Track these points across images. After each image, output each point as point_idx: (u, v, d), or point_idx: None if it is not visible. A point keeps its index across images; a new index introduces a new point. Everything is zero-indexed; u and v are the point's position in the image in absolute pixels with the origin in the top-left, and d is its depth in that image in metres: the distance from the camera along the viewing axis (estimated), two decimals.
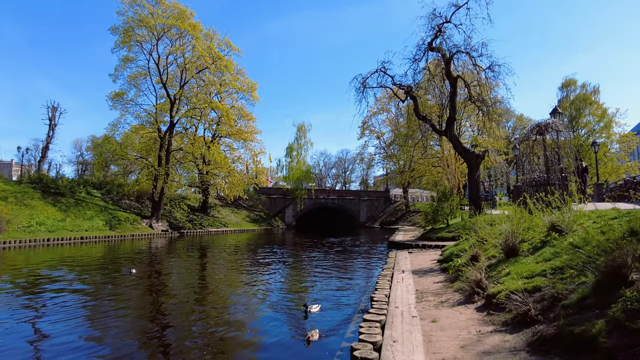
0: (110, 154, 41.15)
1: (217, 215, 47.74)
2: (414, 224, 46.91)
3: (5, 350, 6.35)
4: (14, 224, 27.13)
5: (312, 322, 8.22)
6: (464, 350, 5.09)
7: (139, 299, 10.88)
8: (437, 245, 19.16)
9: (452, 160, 35.32)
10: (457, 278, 9.55)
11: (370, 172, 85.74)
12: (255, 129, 49.21)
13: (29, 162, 56.53)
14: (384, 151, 61.23)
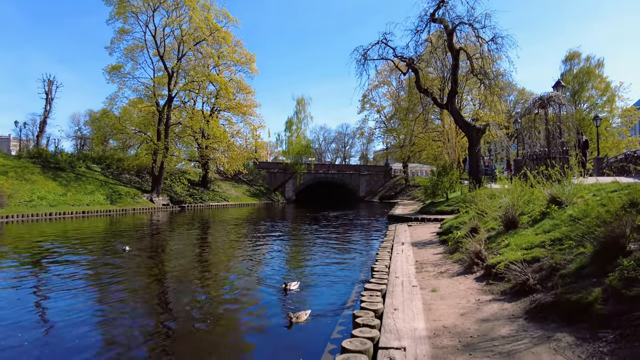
0: (109, 128, 40.97)
1: (217, 189, 47.91)
2: (413, 198, 47.14)
3: (11, 321, 6.50)
4: (15, 198, 27.27)
5: (308, 296, 8.40)
6: (464, 318, 5.23)
7: (139, 270, 11.06)
8: (436, 218, 19.33)
9: (452, 135, 35.20)
10: (456, 250, 9.69)
11: (370, 146, 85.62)
12: (254, 103, 48.82)
13: (27, 137, 56.17)
14: (384, 125, 60.90)
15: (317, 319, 6.75)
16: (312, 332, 6.12)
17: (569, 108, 17.53)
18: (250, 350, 5.51)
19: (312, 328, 6.29)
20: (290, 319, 6.27)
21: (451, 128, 34.97)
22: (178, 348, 5.70)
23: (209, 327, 6.41)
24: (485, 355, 4.01)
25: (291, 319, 6.26)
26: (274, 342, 5.77)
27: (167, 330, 6.43)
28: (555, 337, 4.21)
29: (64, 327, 6.34)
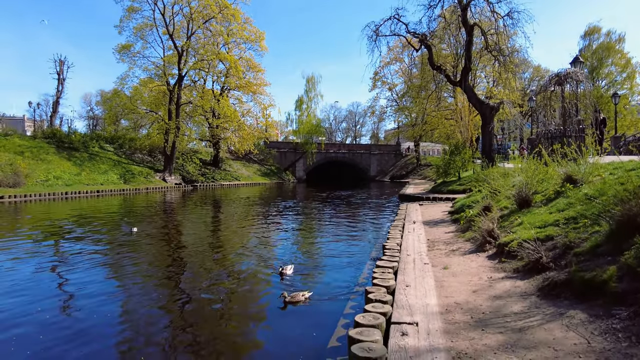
0: (120, 108, 41.22)
1: (228, 169, 48.18)
2: (424, 177, 46.87)
3: (32, 297, 6.72)
4: (32, 178, 27.79)
5: (320, 274, 8.50)
6: (476, 295, 5.26)
7: (154, 248, 11.28)
8: (448, 197, 19.23)
9: (465, 113, 34.56)
10: (468, 228, 9.68)
11: (381, 125, 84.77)
12: (264, 81, 48.45)
13: (41, 117, 56.88)
14: (395, 103, 60.07)
15: (329, 294, 6.86)
16: (325, 308, 6.22)
17: (587, 85, 17.06)
18: (265, 326, 5.63)
19: (324, 304, 6.40)
20: (284, 298, 6.16)
21: (464, 106, 34.32)
22: (191, 320, 5.86)
23: (224, 303, 6.55)
24: (497, 331, 4.05)
25: (285, 298, 6.15)
26: (288, 317, 5.88)
27: (181, 307, 6.60)
28: (568, 314, 4.22)
29: (81, 299, 6.62)
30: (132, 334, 5.41)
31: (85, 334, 5.29)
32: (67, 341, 5.06)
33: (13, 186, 25.47)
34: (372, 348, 3.62)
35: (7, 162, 27.47)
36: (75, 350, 4.81)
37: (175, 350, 5.01)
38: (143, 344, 5.08)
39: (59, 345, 4.96)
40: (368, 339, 3.84)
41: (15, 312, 5.99)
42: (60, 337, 5.21)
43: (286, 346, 4.99)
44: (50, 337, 5.19)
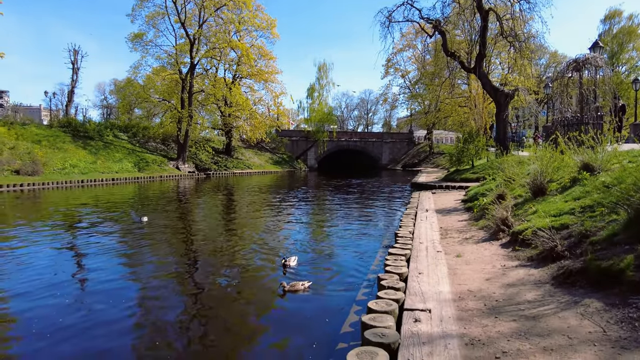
0: (134, 97, 41.56)
1: (241, 157, 48.42)
2: (437, 166, 46.50)
3: (53, 283, 6.90)
4: (49, 166, 28.33)
5: (332, 261, 8.54)
6: (489, 282, 5.25)
7: (170, 235, 11.45)
8: (461, 186, 19.09)
9: (479, 100, 34.09)
10: (481, 216, 9.62)
11: (393, 113, 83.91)
12: (275, 69, 48.24)
13: (56, 106, 57.65)
14: (408, 91, 59.38)
15: (341, 281, 6.91)
16: (337, 295, 6.28)
17: (606, 71, 16.65)
18: (277, 312, 5.70)
19: (336, 290, 6.45)
20: (284, 287, 6.18)
21: (478, 93, 33.84)
22: (206, 306, 5.98)
23: (235, 291, 6.63)
24: (511, 319, 4.04)
25: (284, 287, 6.17)
26: (300, 304, 5.95)
27: (194, 293, 6.72)
28: (583, 302, 4.19)
29: (96, 284, 6.83)
30: (144, 316, 5.55)
31: (101, 317, 5.46)
32: (83, 324, 5.23)
33: (32, 174, 26.01)
34: (385, 334, 3.66)
35: (25, 150, 28.02)
36: (93, 332, 4.95)
37: (190, 335, 5.13)
38: (156, 330, 5.20)
39: (77, 327, 5.14)
40: (381, 324, 3.87)
41: (34, 295, 6.17)
42: (77, 319, 5.39)
43: (300, 332, 5.05)
44: (68, 319, 5.36)
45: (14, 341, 4.83)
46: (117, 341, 4.84)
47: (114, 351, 4.64)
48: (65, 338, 4.85)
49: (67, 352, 4.58)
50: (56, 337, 4.88)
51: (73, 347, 4.68)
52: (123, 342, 4.85)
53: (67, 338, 4.85)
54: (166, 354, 4.55)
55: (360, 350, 3.41)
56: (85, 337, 4.90)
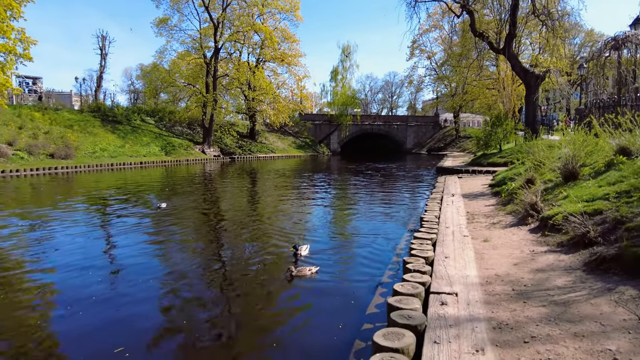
0: (160, 81, 42.20)
1: (264, 141, 48.72)
2: (463, 150, 45.57)
3: (86, 263, 7.21)
4: (81, 150, 29.27)
5: (356, 244, 8.57)
6: (517, 268, 5.18)
7: (196, 217, 11.73)
8: (488, 170, 18.72)
9: (508, 82, 32.99)
10: (509, 201, 9.44)
11: (418, 96, 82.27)
12: (299, 52, 47.89)
13: (86, 92, 59.14)
14: (434, 73, 57.98)
15: (366, 264, 6.95)
16: (361, 277, 6.32)
17: None
18: (303, 294, 5.77)
19: (361, 273, 6.50)
20: (291, 272, 6.17)
21: (507, 75, 32.75)
22: (231, 291, 6.13)
23: (261, 271, 6.74)
24: (540, 304, 3.99)
25: (292, 272, 6.17)
26: (325, 285, 6.02)
27: (219, 277, 6.89)
28: (617, 289, 4.09)
29: (125, 258, 7.12)
30: (167, 290, 5.75)
31: (127, 288, 5.74)
32: (110, 293, 5.52)
33: (65, 158, 26.96)
34: (411, 315, 3.68)
35: (58, 135, 29.01)
36: (120, 307, 5.19)
37: (212, 313, 5.29)
38: (181, 311, 5.38)
39: (104, 296, 5.45)
40: (407, 307, 3.89)
41: (69, 275, 6.48)
42: (105, 290, 5.71)
43: (325, 313, 5.12)
44: (97, 289, 5.67)
45: (53, 307, 5.13)
46: (141, 310, 5.14)
47: (139, 318, 4.92)
48: (94, 305, 5.13)
49: (98, 317, 4.88)
50: (87, 304, 5.20)
51: (102, 313, 5.01)
52: (147, 311, 5.15)
53: (96, 305, 5.13)
54: (193, 326, 4.73)
55: (387, 331, 3.44)
56: (112, 305, 5.25)
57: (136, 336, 4.54)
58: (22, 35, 20.68)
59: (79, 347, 4.32)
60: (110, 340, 4.39)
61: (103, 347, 4.26)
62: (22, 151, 25.43)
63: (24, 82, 45.31)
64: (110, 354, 4.07)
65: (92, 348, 4.28)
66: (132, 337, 4.49)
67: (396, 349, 3.18)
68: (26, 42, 20.97)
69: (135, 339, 4.45)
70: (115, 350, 4.12)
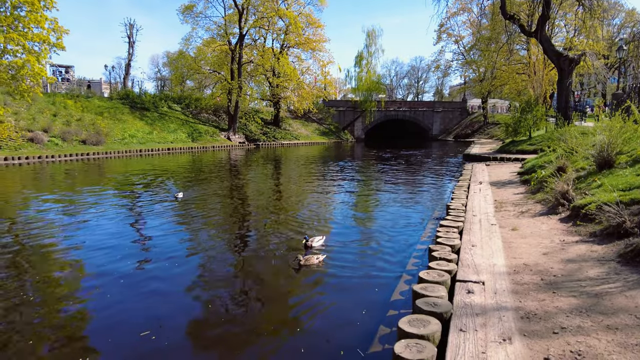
0: (185, 68, 42.67)
1: (288, 128, 48.81)
2: (491, 136, 44.41)
3: (116, 246, 7.48)
4: (111, 136, 30.12)
5: (380, 231, 8.54)
6: (547, 257, 5.06)
7: (221, 204, 11.93)
8: (517, 158, 18.24)
9: (540, 66, 31.76)
10: (539, 189, 9.19)
11: (445, 81, 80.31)
12: (323, 37, 47.41)
13: (115, 80, 60.61)
14: (462, 57, 56.34)
15: (390, 251, 6.93)
16: (386, 264, 6.32)
17: None
18: (326, 279, 5.81)
19: (386, 260, 6.49)
20: (299, 261, 6.12)
21: (538, 59, 31.53)
22: (258, 276, 6.24)
23: (286, 260, 6.81)
24: (570, 295, 3.90)
25: (300, 261, 6.12)
26: (349, 272, 6.05)
27: (244, 262, 7.02)
28: None
29: (152, 240, 7.36)
30: (191, 269, 5.90)
31: (153, 276, 5.93)
32: (137, 271, 5.70)
33: (96, 144, 27.81)
34: (437, 303, 3.66)
35: (90, 122, 29.90)
36: (145, 289, 5.38)
37: (237, 296, 5.40)
38: (204, 294, 5.52)
39: (133, 283, 5.66)
40: (433, 294, 3.88)
41: (100, 260, 6.74)
42: (133, 277, 5.90)
43: (349, 298, 5.16)
44: (126, 268, 5.87)
45: (81, 286, 5.37)
46: (165, 292, 5.35)
47: (163, 300, 5.09)
48: (121, 287, 5.34)
49: (125, 299, 5.10)
50: (113, 285, 5.45)
51: (128, 294, 5.26)
52: (170, 294, 5.35)
53: (123, 287, 5.33)
54: (216, 309, 4.86)
55: (412, 317, 3.45)
56: (137, 287, 5.50)
57: (160, 318, 4.66)
58: (55, 25, 21.22)
59: (105, 328, 4.50)
60: (135, 322, 4.57)
61: (129, 329, 4.44)
62: (57, 138, 26.38)
63: (57, 71, 46.69)
64: (136, 338, 4.20)
65: (119, 330, 4.44)
66: (156, 320, 4.61)
67: (421, 336, 3.18)
68: (59, 32, 21.51)
69: (160, 322, 4.56)
70: (142, 333, 4.25)
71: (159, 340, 4.15)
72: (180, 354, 3.97)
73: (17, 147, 23.37)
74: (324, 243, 7.19)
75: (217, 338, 4.35)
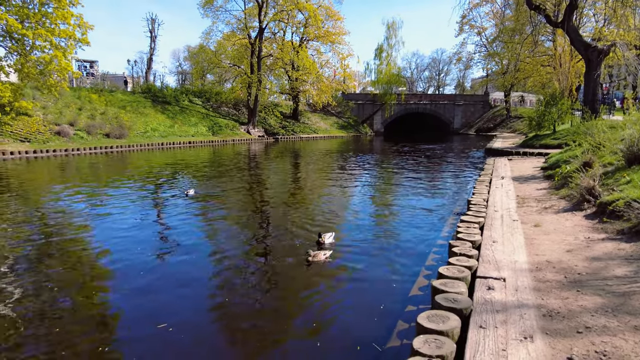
0: (206, 62, 43.16)
1: (307, 121, 48.83)
2: (514, 130, 43.43)
3: (140, 238, 7.68)
4: (133, 130, 30.75)
5: (399, 227, 8.49)
6: (571, 255, 4.94)
7: (242, 196, 12.06)
8: (540, 152, 17.82)
9: (566, 58, 30.83)
10: (563, 185, 8.96)
11: (467, 73, 78.70)
12: (342, 30, 47.11)
13: (137, 74, 61.62)
14: (485, 49, 55.12)
15: (409, 246, 6.89)
16: (405, 259, 6.28)
17: None
18: (345, 275, 5.82)
19: (405, 255, 6.46)
20: (309, 256, 6.07)
21: (565, 51, 30.59)
22: (277, 273, 6.29)
23: (302, 251, 6.85)
24: (595, 293, 3.80)
25: (309, 257, 6.07)
26: (368, 266, 6.05)
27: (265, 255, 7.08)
28: None
29: (176, 230, 7.44)
30: (210, 263, 6.00)
31: (172, 269, 6.03)
32: (159, 276, 5.79)
33: (119, 137, 28.44)
34: (457, 299, 3.63)
35: (113, 115, 30.58)
36: (164, 281, 5.49)
37: (257, 288, 5.46)
38: (223, 288, 5.60)
39: (152, 275, 5.79)
40: (453, 290, 3.84)
41: (123, 251, 6.91)
42: (152, 269, 6.02)
43: (367, 293, 5.16)
44: (152, 264, 5.98)
45: (104, 275, 5.53)
46: (184, 284, 5.42)
47: (182, 293, 5.18)
48: (141, 278, 5.46)
49: (144, 289, 5.20)
50: (134, 276, 5.55)
51: (147, 284, 5.34)
52: (189, 286, 5.42)
53: (142, 277, 5.45)
54: (233, 303, 4.93)
55: (431, 313, 3.42)
56: (157, 278, 5.58)
57: (177, 311, 4.71)
58: (81, 21, 21.73)
59: (125, 318, 4.62)
60: (154, 313, 4.65)
61: (147, 320, 4.54)
62: (82, 131, 27.08)
63: (82, 66, 47.75)
64: (154, 330, 4.27)
65: (137, 321, 4.55)
66: (172, 312, 4.67)
67: (441, 332, 3.16)
68: (84, 27, 22.04)
69: (176, 314, 4.62)
70: (159, 325, 4.31)
71: (175, 333, 4.21)
72: (195, 347, 4.03)
73: (45, 141, 24.11)
74: (333, 240, 7.07)
75: (232, 331, 4.42)
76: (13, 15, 19.63)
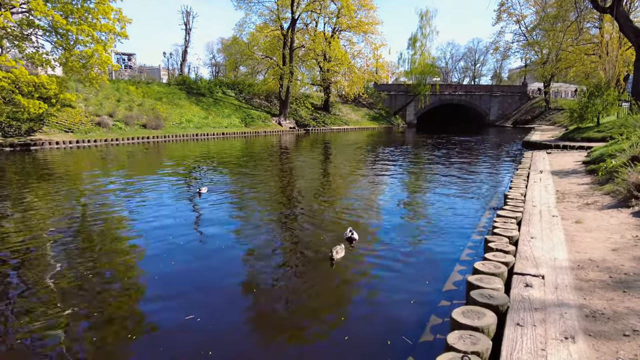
0: (239, 54, 43.62)
1: (338, 113, 48.64)
2: (554, 123, 41.68)
3: (172, 226, 7.88)
4: (169, 121, 31.60)
5: (433, 220, 8.35)
6: (616, 254, 4.71)
7: (273, 188, 12.18)
8: (581, 146, 17.03)
9: (614, 46, 29.19)
10: (608, 180, 8.54)
11: (505, 63, 76.15)
12: (375, 19, 46.44)
13: (172, 66, 63.08)
14: (523, 38, 53.02)
15: (443, 240, 6.77)
16: (438, 254, 6.18)
17: None
18: (377, 269, 5.77)
19: (438, 249, 6.36)
20: (331, 254, 5.85)
21: (613, 38, 28.97)
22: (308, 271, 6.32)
23: (330, 246, 6.83)
24: None
25: (331, 256, 5.82)
26: (399, 260, 5.98)
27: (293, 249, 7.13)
28: None
29: (206, 227, 7.63)
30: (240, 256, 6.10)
31: (204, 262, 6.16)
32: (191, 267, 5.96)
33: (155, 128, 29.32)
34: (493, 295, 3.54)
35: (150, 107, 31.52)
36: (195, 272, 5.62)
37: (285, 285, 5.51)
38: (252, 282, 5.67)
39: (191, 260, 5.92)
40: (488, 286, 3.75)
41: (157, 241, 7.13)
42: (188, 256, 6.16)
43: (399, 288, 5.09)
44: (184, 254, 6.16)
45: (138, 264, 5.73)
46: (213, 277, 5.52)
47: (211, 284, 5.26)
48: (172, 267, 5.62)
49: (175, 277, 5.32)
50: (165, 265, 5.72)
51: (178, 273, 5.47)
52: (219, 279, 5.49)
53: (173, 267, 5.61)
54: (261, 296, 4.99)
55: (467, 309, 3.35)
56: (188, 269, 5.71)
57: (206, 303, 4.72)
58: (120, 15, 22.41)
59: (153, 308, 4.68)
60: (182, 304, 4.67)
61: (175, 310, 4.57)
62: (120, 122, 28.08)
63: (120, 59, 49.38)
64: (182, 320, 4.29)
65: (164, 311, 4.59)
66: (202, 303, 4.69)
67: (476, 328, 3.09)
68: (123, 21, 22.72)
69: (204, 306, 4.64)
70: (187, 317, 4.33)
71: (203, 323, 4.23)
72: (223, 338, 4.07)
73: (87, 131, 25.17)
74: (353, 236, 6.72)
75: (261, 323, 4.43)
76: (58, 11, 20.46)
